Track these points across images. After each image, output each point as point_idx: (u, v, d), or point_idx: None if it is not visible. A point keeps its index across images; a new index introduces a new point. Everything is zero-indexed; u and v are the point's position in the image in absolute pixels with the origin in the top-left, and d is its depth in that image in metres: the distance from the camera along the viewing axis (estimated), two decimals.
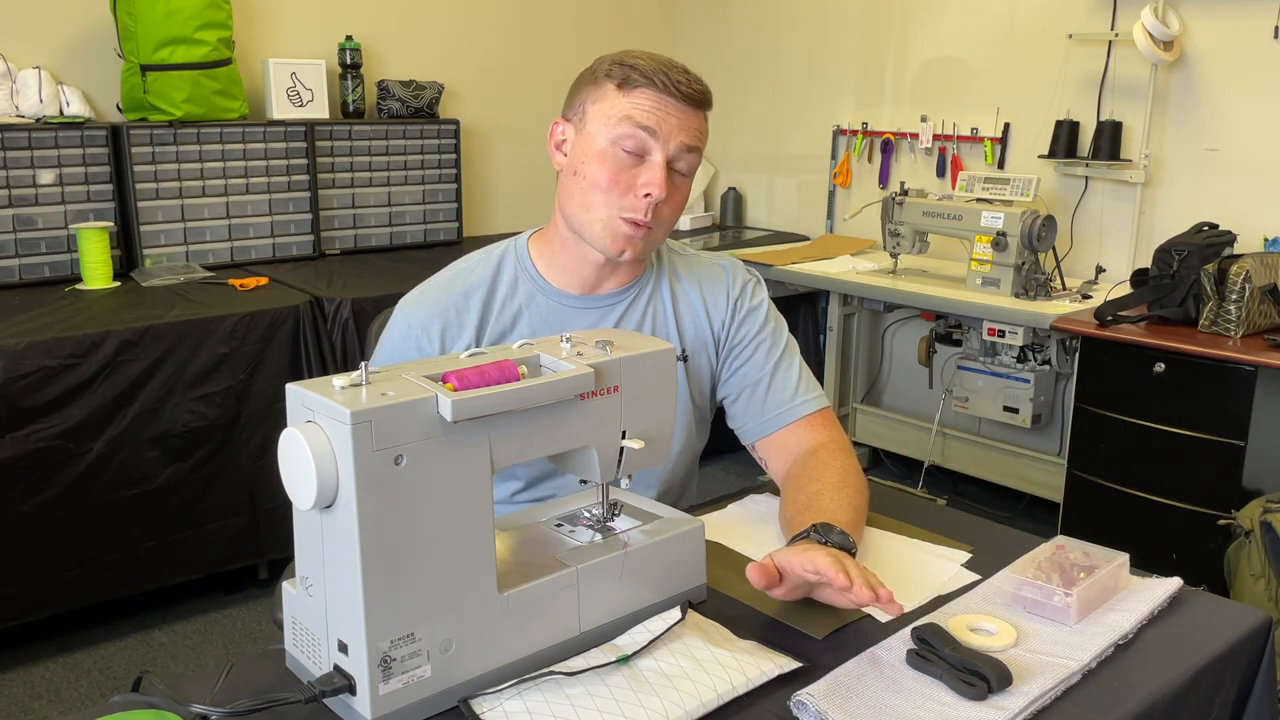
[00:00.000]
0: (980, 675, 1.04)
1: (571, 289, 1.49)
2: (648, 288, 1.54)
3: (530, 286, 1.49)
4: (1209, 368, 2.57)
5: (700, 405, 1.57)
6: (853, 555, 1.24)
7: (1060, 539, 1.31)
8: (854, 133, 4.03)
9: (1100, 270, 3.35)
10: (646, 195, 1.38)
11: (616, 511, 1.23)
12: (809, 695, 1.02)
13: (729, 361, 1.57)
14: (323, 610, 1.01)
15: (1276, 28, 2.98)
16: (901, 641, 1.13)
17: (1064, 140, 3.37)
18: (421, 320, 1.45)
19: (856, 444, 3.97)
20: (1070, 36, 3.37)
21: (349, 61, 3.57)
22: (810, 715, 1.01)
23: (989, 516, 1.73)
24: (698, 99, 1.41)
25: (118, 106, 3.20)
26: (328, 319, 2.89)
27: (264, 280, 3.07)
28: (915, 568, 1.32)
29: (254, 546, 2.86)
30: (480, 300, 1.47)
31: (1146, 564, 1.30)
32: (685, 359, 1.54)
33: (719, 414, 1.62)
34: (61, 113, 3.03)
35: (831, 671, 1.07)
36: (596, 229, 1.41)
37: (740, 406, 1.56)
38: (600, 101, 1.40)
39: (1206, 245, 2.73)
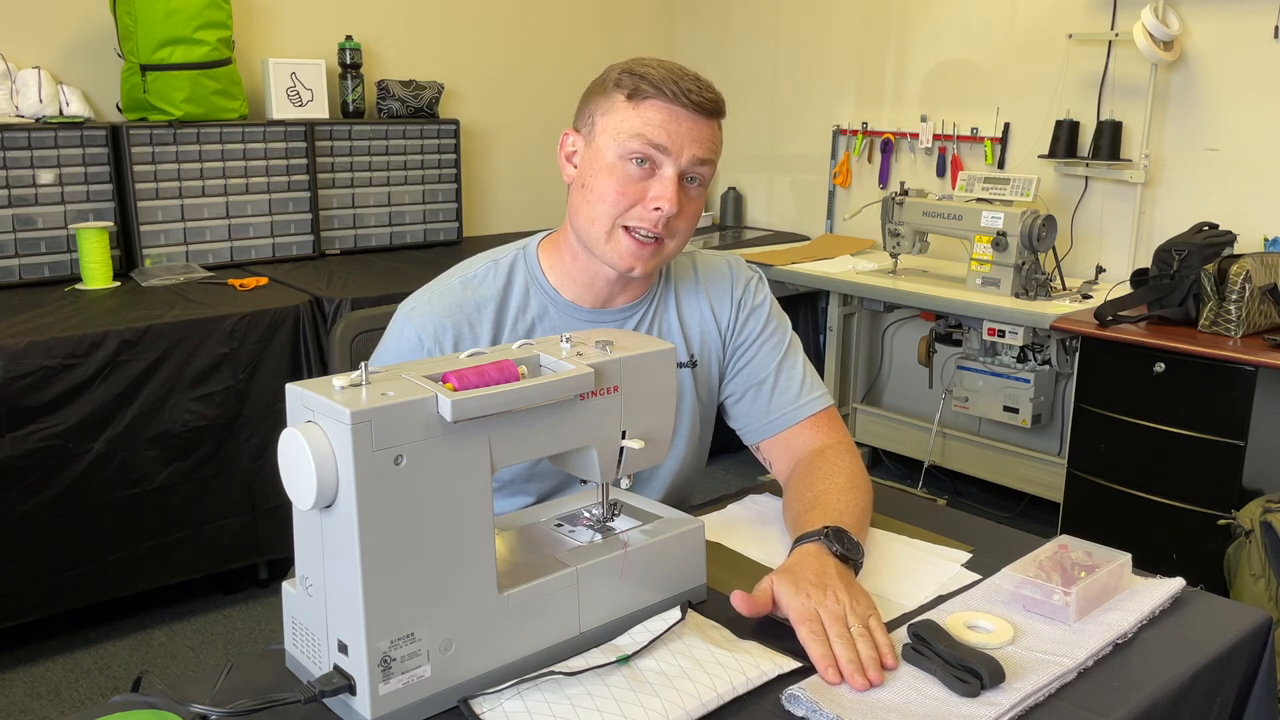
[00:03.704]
0: (973, 671, 1.04)
1: (584, 303, 1.47)
2: (656, 299, 1.52)
3: (543, 299, 1.46)
4: (1209, 368, 2.57)
5: (707, 405, 1.57)
6: (860, 563, 1.25)
7: (1064, 538, 1.31)
8: (854, 133, 4.03)
9: (1100, 270, 3.35)
10: (657, 209, 1.35)
11: (616, 511, 1.23)
12: (800, 689, 1.02)
13: (734, 361, 1.56)
14: (323, 610, 1.00)
15: (1276, 28, 2.98)
16: (897, 638, 1.13)
17: (1064, 140, 3.36)
18: (434, 329, 1.41)
19: (856, 444, 3.96)
20: (1070, 36, 3.37)
21: (349, 61, 3.57)
22: (802, 707, 1.01)
23: (989, 516, 1.73)
24: (710, 108, 1.37)
25: (118, 106, 3.20)
26: (328, 319, 2.89)
27: (264, 280, 3.07)
28: (915, 567, 1.32)
29: (254, 546, 2.86)
30: (493, 312, 1.44)
31: (1146, 564, 1.30)
32: (694, 364, 1.53)
33: (718, 412, 1.61)
34: (61, 113, 3.03)
35: None
36: (603, 243, 1.38)
37: (744, 406, 1.55)
38: (610, 114, 1.37)
39: (1206, 245, 2.73)
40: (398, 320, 1.44)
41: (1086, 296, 3.09)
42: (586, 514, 1.23)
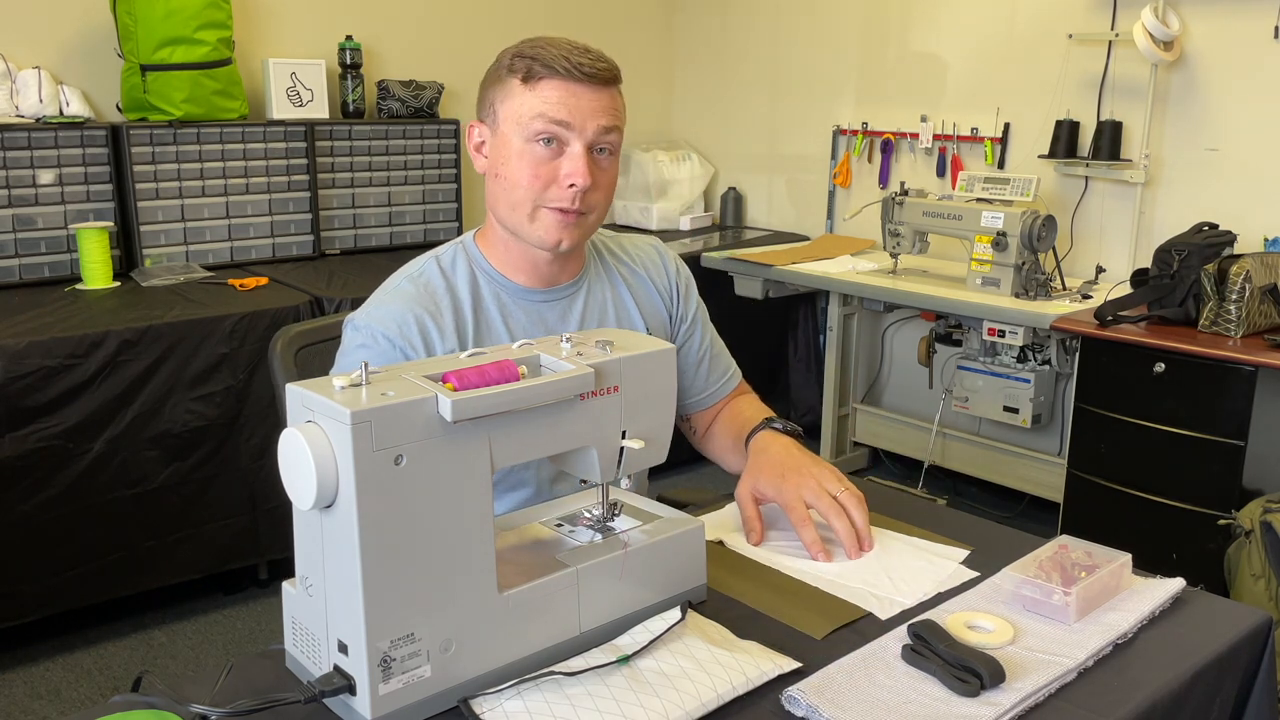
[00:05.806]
0: (973, 671, 1.04)
1: (534, 284, 1.48)
2: (599, 273, 1.56)
3: (493, 285, 1.47)
4: (1209, 368, 2.57)
5: None
6: (802, 435, 1.49)
7: (1064, 538, 1.31)
8: (854, 133, 4.03)
9: (1100, 270, 3.35)
10: (571, 185, 1.37)
11: (616, 511, 1.23)
12: (800, 690, 1.02)
13: (679, 336, 1.63)
14: (323, 610, 1.00)
15: (1276, 28, 2.98)
16: (897, 638, 1.13)
17: (1064, 140, 3.36)
18: (398, 325, 1.38)
19: (856, 444, 3.97)
20: (1070, 36, 3.37)
21: (349, 61, 3.57)
22: (801, 709, 1.01)
23: (989, 516, 1.74)
24: (605, 77, 1.38)
25: (118, 106, 3.20)
26: None
27: (264, 280, 3.07)
28: (915, 565, 1.32)
29: (254, 546, 2.86)
30: (450, 301, 1.43)
31: (1147, 564, 1.30)
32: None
33: None
34: (61, 113, 3.03)
35: (824, 667, 1.07)
36: (528, 226, 1.40)
37: (685, 382, 1.64)
38: (508, 100, 1.38)
39: (1206, 245, 2.73)
40: (358, 330, 1.40)
41: (1086, 296, 3.09)
42: (586, 514, 1.23)
